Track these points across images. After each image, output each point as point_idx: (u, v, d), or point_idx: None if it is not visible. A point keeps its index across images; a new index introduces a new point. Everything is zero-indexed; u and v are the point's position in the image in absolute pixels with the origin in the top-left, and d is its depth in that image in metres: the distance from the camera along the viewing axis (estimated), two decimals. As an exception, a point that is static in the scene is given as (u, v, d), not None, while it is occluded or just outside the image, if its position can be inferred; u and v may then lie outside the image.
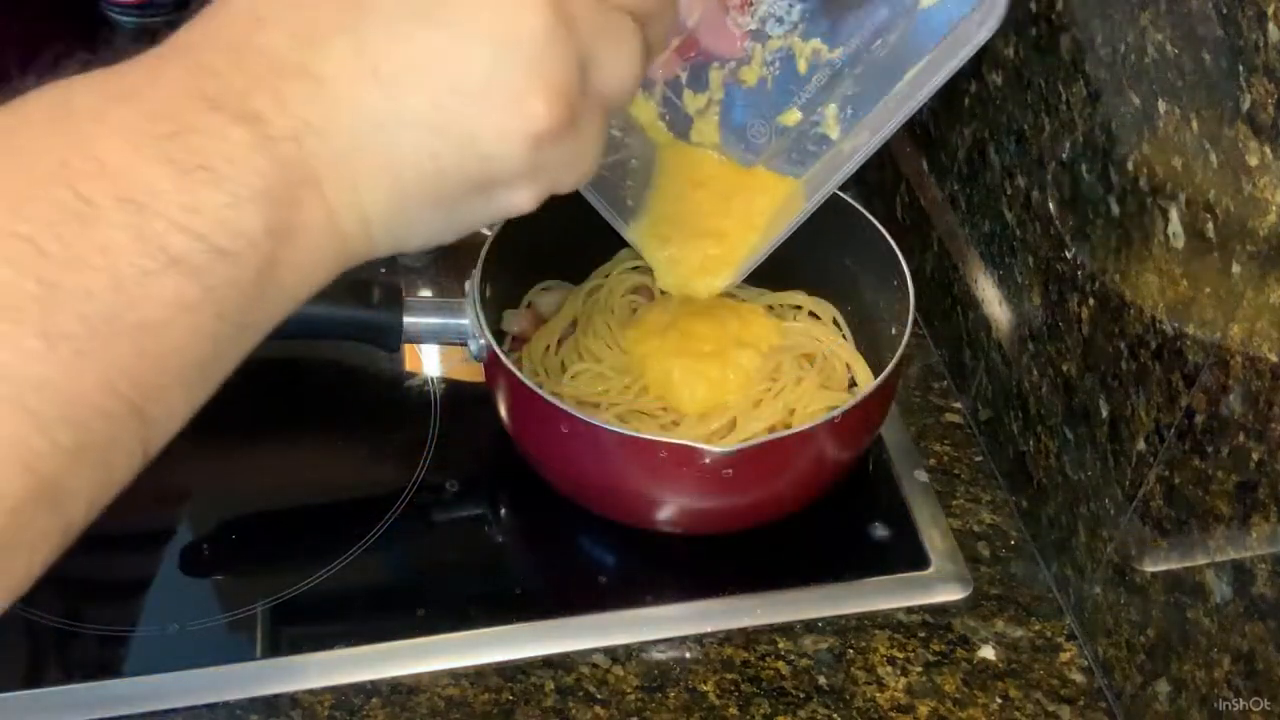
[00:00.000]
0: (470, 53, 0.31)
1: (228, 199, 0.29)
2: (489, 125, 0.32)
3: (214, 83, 0.29)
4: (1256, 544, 0.45)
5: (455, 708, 0.56)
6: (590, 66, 0.33)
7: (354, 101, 0.31)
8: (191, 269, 0.28)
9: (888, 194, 0.79)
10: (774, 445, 0.56)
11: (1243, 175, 0.44)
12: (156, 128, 0.28)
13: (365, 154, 0.31)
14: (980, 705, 0.56)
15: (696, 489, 0.58)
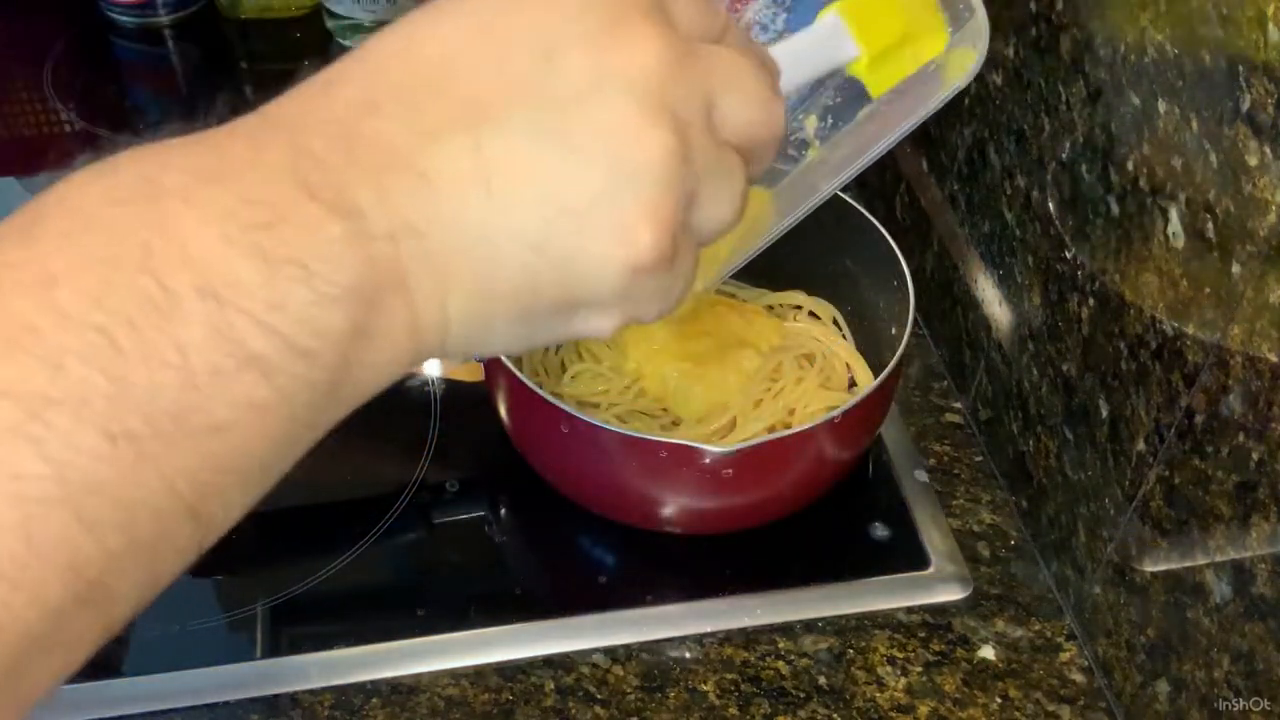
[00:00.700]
0: (587, 176, 0.30)
1: (314, 297, 0.27)
2: (593, 250, 0.31)
3: (316, 170, 0.28)
4: (1256, 544, 0.45)
5: (455, 708, 0.56)
6: (696, 202, 0.32)
7: (460, 207, 0.29)
8: (267, 368, 0.26)
9: (888, 194, 0.79)
10: (774, 445, 0.56)
11: (1243, 175, 0.44)
12: (250, 215, 0.27)
13: (460, 262, 0.30)
14: (980, 705, 0.56)
15: (696, 489, 0.58)
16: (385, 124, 0.29)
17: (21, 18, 0.99)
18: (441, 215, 0.29)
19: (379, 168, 0.28)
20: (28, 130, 0.93)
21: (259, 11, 0.99)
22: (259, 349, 0.26)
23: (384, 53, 0.30)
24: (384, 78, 0.30)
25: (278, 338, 0.26)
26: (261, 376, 0.26)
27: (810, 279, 0.70)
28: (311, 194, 0.27)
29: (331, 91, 0.30)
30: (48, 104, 0.92)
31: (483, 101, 0.29)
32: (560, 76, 0.30)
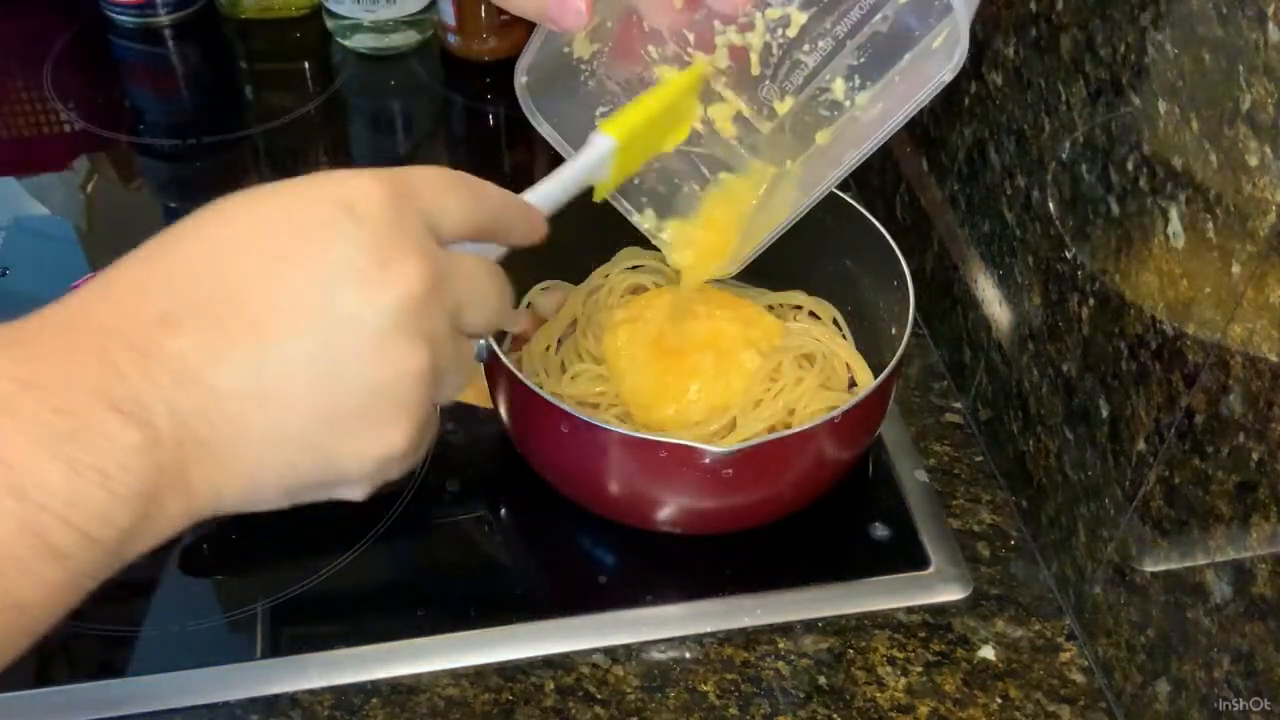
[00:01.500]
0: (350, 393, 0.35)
1: (110, 498, 0.31)
2: (351, 450, 0.37)
3: (120, 384, 0.32)
4: (1256, 544, 0.45)
5: (455, 708, 0.56)
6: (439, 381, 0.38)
7: (241, 419, 0.34)
8: (63, 555, 0.31)
9: (888, 194, 0.79)
10: (773, 445, 0.56)
11: (1243, 175, 0.44)
12: (60, 424, 0.31)
13: (236, 463, 0.35)
14: (980, 705, 0.56)
15: (696, 489, 0.58)
16: (184, 343, 0.33)
17: (21, 17, 0.99)
18: (225, 427, 0.34)
19: (175, 383, 0.33)
20: (28, 130, 0.93)
21: (259, 11, 0.99)
22: (58, 541, 0.30)
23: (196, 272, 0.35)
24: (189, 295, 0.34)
25: (76, 532, 0.31)
26: (58, 563, 0.31)
27: (810, 279, 0.70)
28: (114, 406, 0.32)
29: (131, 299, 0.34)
30: (48, 104, 0.92)
31: (270, 325, 0.34)
32: (338, 308, 0.35)
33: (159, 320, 0.33)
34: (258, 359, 0.34)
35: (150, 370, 0.33)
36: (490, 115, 0.95)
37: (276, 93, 0.92)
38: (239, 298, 0.34)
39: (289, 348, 0.34)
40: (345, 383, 0.35)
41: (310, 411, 0.35)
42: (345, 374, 0.35)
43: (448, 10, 0.94)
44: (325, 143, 0.92)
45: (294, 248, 0.35)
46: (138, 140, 0.89)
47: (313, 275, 0.35)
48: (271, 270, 0.35)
